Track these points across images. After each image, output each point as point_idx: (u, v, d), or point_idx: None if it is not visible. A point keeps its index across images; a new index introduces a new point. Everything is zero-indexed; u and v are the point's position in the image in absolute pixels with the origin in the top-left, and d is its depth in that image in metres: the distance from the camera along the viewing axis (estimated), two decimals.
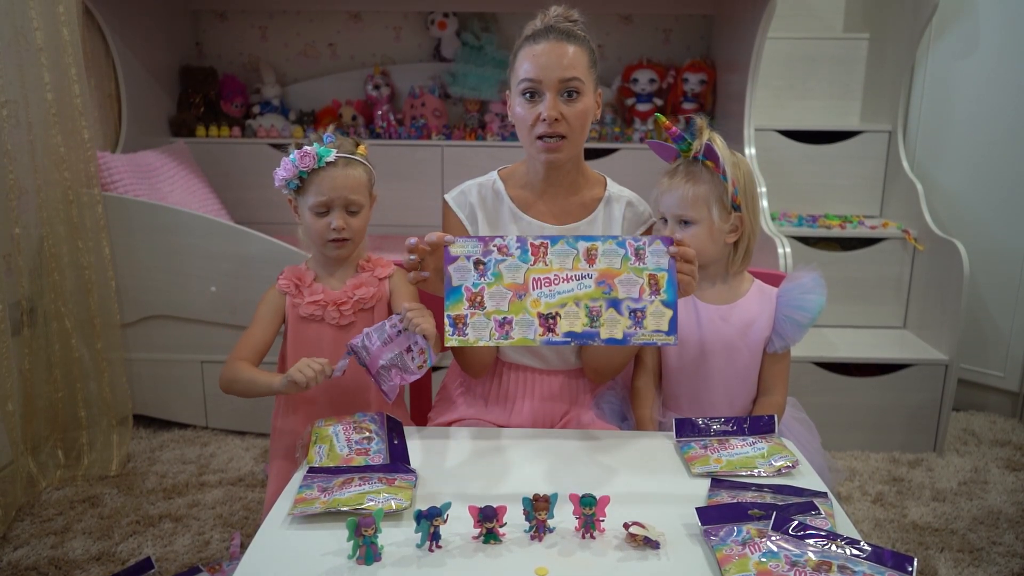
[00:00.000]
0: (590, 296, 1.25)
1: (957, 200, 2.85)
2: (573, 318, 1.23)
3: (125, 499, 2.18)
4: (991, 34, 2.73)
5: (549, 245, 1.27)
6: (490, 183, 1.56)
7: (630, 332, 1.24)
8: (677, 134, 1.47)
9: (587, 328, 1.23)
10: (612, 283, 1.26)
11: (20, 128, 2.21)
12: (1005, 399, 2.85)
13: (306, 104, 3.34)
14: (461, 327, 1.24)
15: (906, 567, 0.93)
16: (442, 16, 3.22)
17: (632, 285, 1.26)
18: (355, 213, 1.50)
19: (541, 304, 1.24)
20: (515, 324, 1.23)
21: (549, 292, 1.25)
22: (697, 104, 3.21)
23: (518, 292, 1.25)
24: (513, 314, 1.23)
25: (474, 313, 1.24)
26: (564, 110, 1.41)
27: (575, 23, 1.46)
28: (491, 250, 1.26)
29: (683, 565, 1.01)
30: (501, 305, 1.24)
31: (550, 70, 1.40)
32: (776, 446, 1.30)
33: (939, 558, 1.97)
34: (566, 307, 1.23)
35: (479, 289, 1.25)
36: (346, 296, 1.51)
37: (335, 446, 1.28)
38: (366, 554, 0.99)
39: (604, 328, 1.23)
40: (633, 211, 1.56)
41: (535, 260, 1.26)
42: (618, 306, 1.25)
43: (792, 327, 1.48)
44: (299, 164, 1.45)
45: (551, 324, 1.23)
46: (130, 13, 2.86)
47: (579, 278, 1.25)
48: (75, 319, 2.36)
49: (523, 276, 1.25)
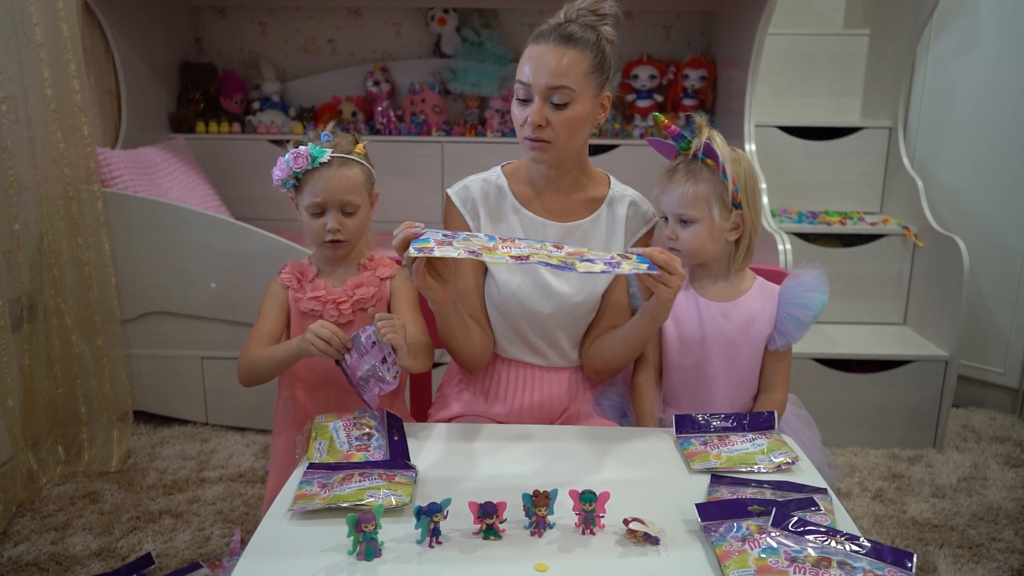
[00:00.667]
0: (561, 257, 1.20)
1: (957, 196, 2.85)
2: (546, 259, 1.18)
3: (125, 495, 2.19)
4: (992, 31, 2.73)
5: (517, 239, 1.25)
6: (493, 178, 1.56)
7: (607, 270, 1.19)
8: (676, 132, 1.46)
9: (560, 264, 1.17)
10: (583, 254, 1.22)
11: (20, 124, 2.21)
12: (1005, 395, 2.85)
13: (306, 100, 3.33)
14: (427, 252, 1.17)
15: (906, 563, 0.93)
16: (442, 12, 3.22)
17: (602, 256, 1.23)
18: (351, 214, 1.48)
19: (512, 252, 1.19)
20: (484, 255, 1.17)
21: (519, 249, 1.21)
22: (697, 100, 3.20)
23: (487, 248, 1.20)
24: (483, 252, 1.18)
25: (442, 246, 1.18)
26: (551, 116, 1.40)
27: (602, 17, 1.44)
28: (459, 233, 1.24)
29: (683, 561, 1.01)
30: (470, 246, 1.19)
31: (540, 76, 1.39)
32: (776, 442, 1.30)
33: (939, 554, 1.97)
34: (538, 256, 1.18)
35: (447, 240, 1.20)
36: (346, 295, 1.50)
37: (335, 442, 1.28)
38: (366, 550, 1.00)
39: (580, 267, 1.18)
40: (636, 210, 1.55)
41: (503, 241, 1.23)
42: (592, 261, 1.20)
43: (794, 325, 1.48)
44: (292, 165, 1.44)
45: (523, 260, 1.17)
46: (130, 9, 2.86)
47: (548, 252, 1.22)
48: (75, 315, 2.36)
49: (492, 244, 1.21)
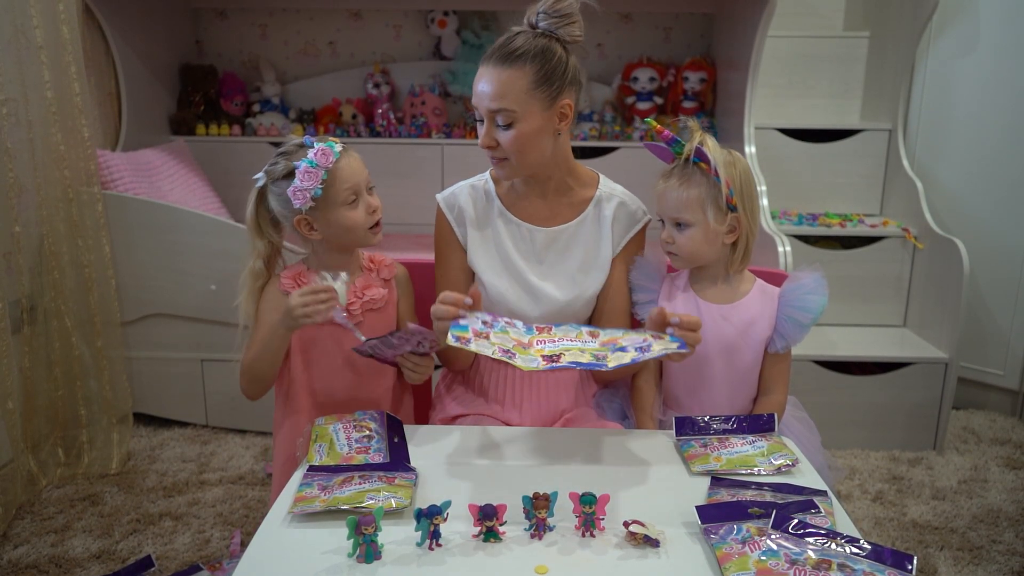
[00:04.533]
0: (593, 350, 1.24)
1: (957, 198, 2.85)
2: (578, 356, 1.20)
3: (125, 497, 2.19)
4: (991, 33, 2.73)
5: (553, 327, 1.31)
6: (481, 184, 1.58)
7: (638, 357, 1.21)
8: (670, 137, 1.46)
9: (592, 361, 1.20)
10: (616, 342, 1.27)
11: (20, 126, 2.21)
12: (1005, 397, 2.85)
13: (306, 102, 3.33)
14: (464, 342, 1.22)
15: (906, 565, 0.93)
16: (442, 14, 3.22)
17: (635, 339, 1.27)
18: (373, 191, 1.50)
19: (545, 350, 1.23)
20: (518, 356, 1.21)
21: (553, 343, 1.25)
22: (697, 103, 3.21)
23: (522, 344, 1.25)
24: (517, 352, 1.21)
25: (479, 337, 1.23)
26: (499, 137, 1.43)
27: (563, 18, 1.42)
28: (499, 320, 1.29)
29: (683, 563, 1.01)
30: (506, 342, 1.23)
31: (481, 99, 1.42)
32: (776, 444, 1.30)
33: (939, 556, 1.97)
34: (571, 352, 1.21)
35: (485, 331, 1.25)
36: (354, 296, 1.50)
37: (335, 444, 1.28)
38: (366, 552, 1.00)
39: (611, 360, 1.20)
40: (625, 210, 1.56)
41: (539, 332, 1.29)
42: (623, 349, 1.23)
43: (794, 327, 1.48)
44: (321, 163, 1.40)
45: (555, 359, 1.20)
46: (130, 11, 2.86)
47: (583, 342, 1.26)
48: (75, 317, 2.36)
49: (528, 339, 1.26)
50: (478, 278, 1.56)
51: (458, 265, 1.57)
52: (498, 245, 1.55)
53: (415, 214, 3.07)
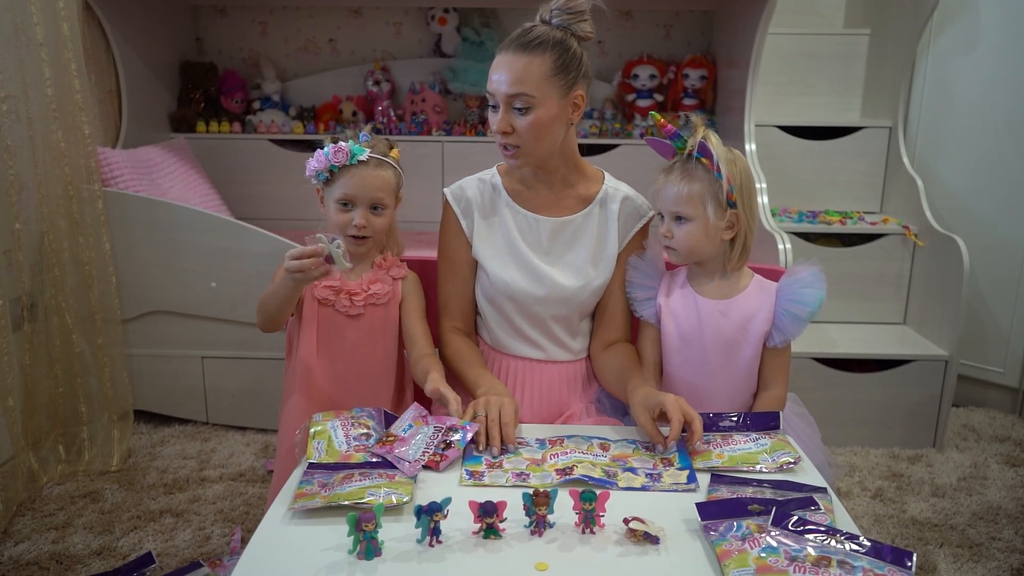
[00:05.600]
0: (604, 464, 1.25)
1: (957, 196, 2.85)
2: (589, 469, 1.21)
3: (126, 494, 2.19)
4: (992, 30, 2.73)
5: (565, 439, 1.32)
6: (488, 177, 1.61)
7: (648, 484, 1.20)
8: (672, 132, 1.47)
9: (603, 477, 1.20)
10: (626, 460, 1.27)
11: (20, 123, 2.21)
12: (1005, 395, 2.85)
13: (306, 100, 3.33)
14: (478, 476, 1.22)
15: (905, 562, 0.93)
16: (442, 12, 3.22)
17: (645, 462, 1.27)
18: (378, 213, 1.55)
19: (558, 463, 1.24)
20: (532, 476, 1.22)
21: (565, 455, 1.27)
22: (698, 100, 3.20)
23: (536, 461, 1.26)
24: (531, 472, 1.23)
25: (492, 469, 1.24)
26: (515, 122, 1.44)
27: (576, 14, 1.44)
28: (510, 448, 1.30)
29: (683, 560, 1.01)
30: (518, 465, 1.25)
31: (500, 84, 1.43)
32: (779, 442, 1.30)
33: (938, 553, 1.97)
34: (583, 464, 1.23)
35: (498, 460, 1.27)
36: (360, 288, 1.55)
37: (333, 442, 1.28)
38: (366, 549, 1.00)
39: (622, 481, 1.21)
40: (630, 205, 1.58)
41: (552, 446, 1.30)
42: (634, 471, 1.24)
43: (791, 321, 1.48)
44: (332, 158, 1.50)
45: (568, 472, 1.21)
46: (130, 8, 2.85)
47: (594, 455, 1.27)
48: (76, 314, 2.36)
49: (541, 455, 1.28)
50: (481, 266, 1.57)
51: (462, 258, 1.59)
52: (504, 234, 1.57)
53: (415, 211, 3.05)
